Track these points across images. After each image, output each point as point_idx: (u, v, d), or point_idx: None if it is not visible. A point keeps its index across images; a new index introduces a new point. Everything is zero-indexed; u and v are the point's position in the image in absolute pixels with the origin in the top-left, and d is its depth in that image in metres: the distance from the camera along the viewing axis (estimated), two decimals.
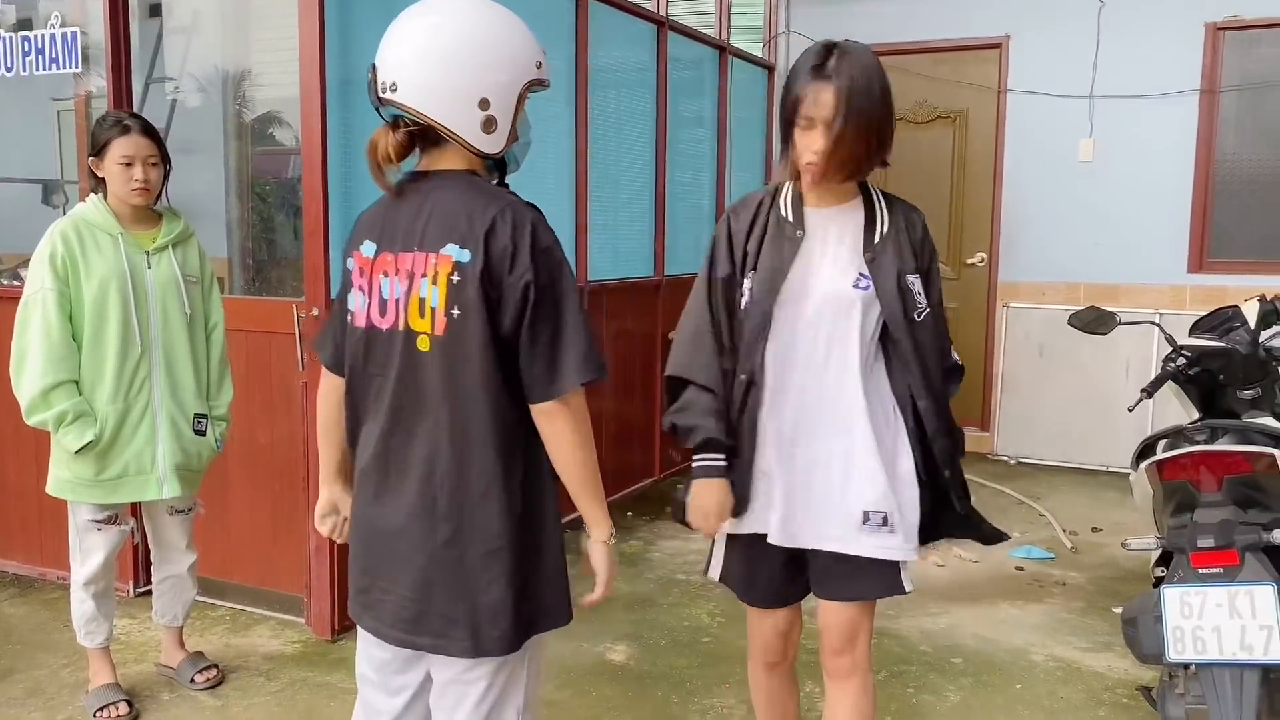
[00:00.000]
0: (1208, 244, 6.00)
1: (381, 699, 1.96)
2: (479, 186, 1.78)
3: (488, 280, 1.70)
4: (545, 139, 4.76)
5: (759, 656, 2.39)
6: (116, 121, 3.02)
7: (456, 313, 1.71)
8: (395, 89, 1.72)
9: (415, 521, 1.78)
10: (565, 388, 1.73)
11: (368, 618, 1.89)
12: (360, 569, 1.89)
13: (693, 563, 4.51)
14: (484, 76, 1.73)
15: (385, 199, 1.86)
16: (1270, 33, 5.77)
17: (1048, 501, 5.48)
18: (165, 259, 3.09)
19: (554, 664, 3.48)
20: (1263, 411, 2.90)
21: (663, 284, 5.71)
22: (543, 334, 1.72)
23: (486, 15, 1.77)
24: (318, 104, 3.42)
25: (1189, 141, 5.93)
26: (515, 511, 1.78)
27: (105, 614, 3.16)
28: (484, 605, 1.77)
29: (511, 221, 1.71)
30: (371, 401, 1.84)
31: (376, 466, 1.83)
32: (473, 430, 1.74)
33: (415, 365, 1.77)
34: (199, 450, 3.18)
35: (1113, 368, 6.00)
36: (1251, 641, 2.33)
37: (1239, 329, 2.96)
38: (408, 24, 1.76)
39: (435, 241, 1.73)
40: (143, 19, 5.20)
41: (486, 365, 1.72)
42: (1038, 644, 3.69)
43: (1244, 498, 2.54)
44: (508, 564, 1.77)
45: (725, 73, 6.32)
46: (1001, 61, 6.35)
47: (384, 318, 1.79)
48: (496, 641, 1.79)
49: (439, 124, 1.73)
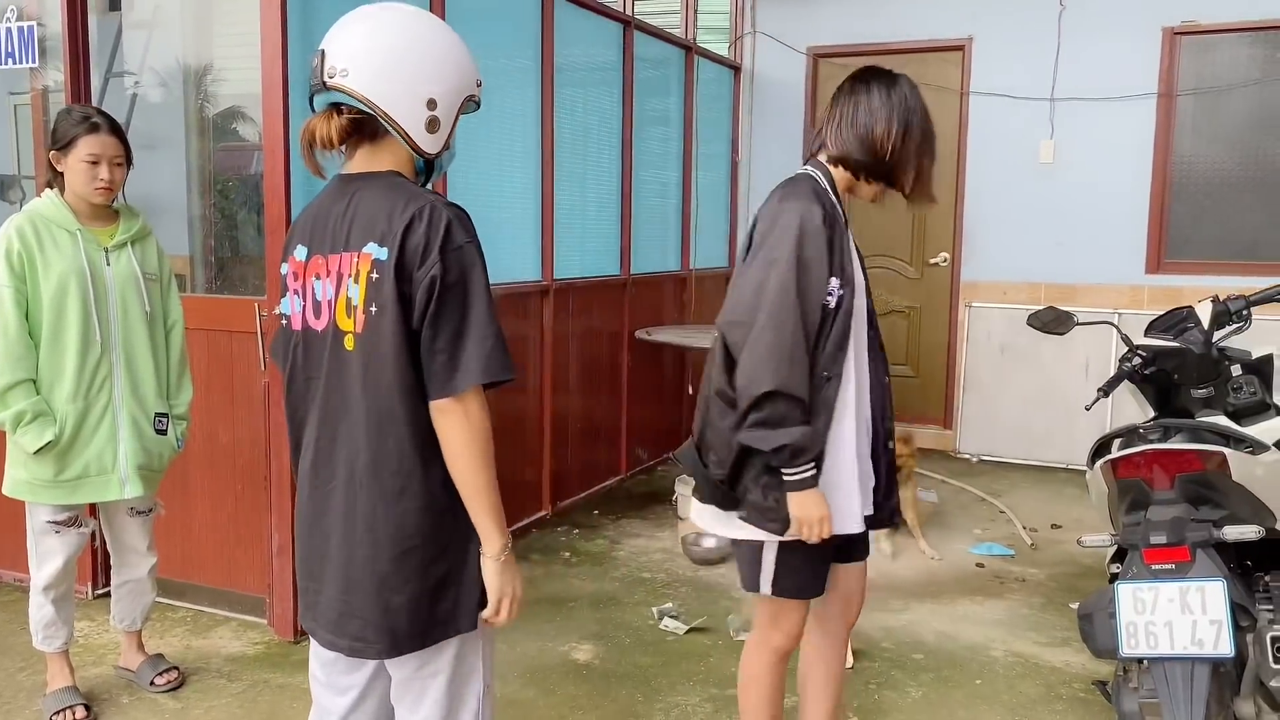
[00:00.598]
0: (1165, 245, 6.10)
1: (329, 698, 1.96)
2: (402, 186, 1.79)
3: (401, 276, 1.70)
4: (511, 137, 4.75)
5: (789, 645, 2.46)
6: (85, 118, 2.95)
7: (374, 310, 1.72)
8: (346, 74, 1.72)
9: (341, 522, 1.79)
10: (462, 385, 1.70)
11: (308, 618, 1.90)
12: (303, 571, 1.90)
13: (658, 561, 4.52)
14: (434, 77, 1.77)
15: (315, 204, 1.88)
16: (1225, 38, 5.88)
17: (1008, 499, 5.55)
18: (124, 256, 3.05)
19: (519, 663, 3.48)
20: (1215, 410, 2.95)
21: (629, 282, 5.72)
22: (445, 330, 1.70)
23: (439, 26, 1.85)
24: (279, 100, 3.39)
25: (1147, 144, 6.03)
26: (434, 510, 1.77)
27: (64, 618, 3.11)
28: (398, 605, 1.77)
29: (428, 219, 1.71)
30: (312, 403, 1.85)
31: (312, 468, 1.84)
32: (389, 428, 1.74)
33: (341, 365, 1.77)
34: (160, 450, 3.14)
35: (1072, 367, 6.09)
36: (1202, 636, 2.38)
37: (1193, 329, 3.01)
38: (364, 17, 1.79)
39: (358, 240, 1.74)
40: (102, 13, 5.12)
41: (401, 362, 1.72)
42: (997, 640, 3.74)
43: (1196, 495, 2.59)
44: (423, 562, 1.77)
45: (691, 72, 6.34)
46: (964, 63, 6.42)
47: (318, 319, 1.81)
48: (411, 640, 1.79)
49: (386, 114, 1.74)
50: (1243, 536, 2.50)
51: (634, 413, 5.82)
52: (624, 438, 5.77)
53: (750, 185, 7.09)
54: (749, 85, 7.02)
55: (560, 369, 5.07)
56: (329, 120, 1.76)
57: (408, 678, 1.87)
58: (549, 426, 5.00)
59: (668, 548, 4.71)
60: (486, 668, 1.93)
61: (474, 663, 1.89)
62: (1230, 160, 5.95)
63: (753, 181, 7.08)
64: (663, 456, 6.27)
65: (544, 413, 4.98)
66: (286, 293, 1.87)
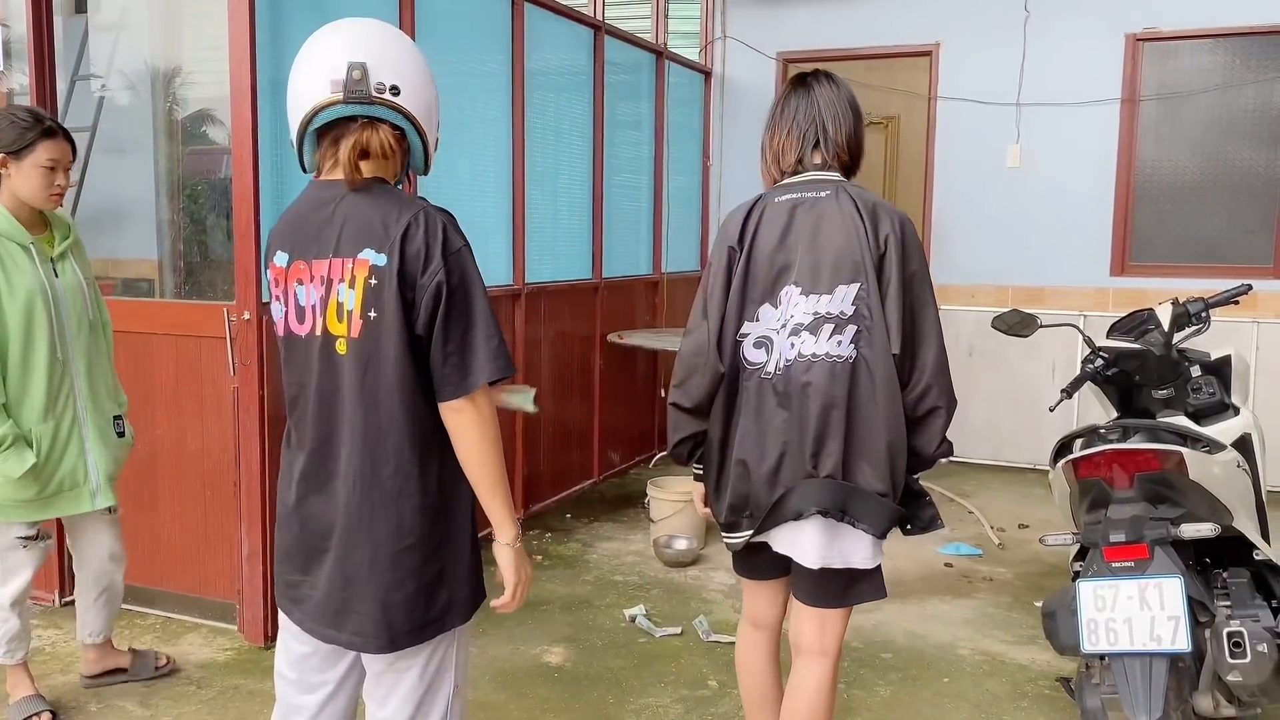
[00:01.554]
0: (1129, 248, 6.20)
1: (298, 696, 1.98)
2: (391, 193, 1.84)
3: (403, 282, 1.75)
4: (483, 143, 4.76)
5: None
6: (37, 120, 2.88)
7: (373, 315, 1.76)
8: (398, 93, 1.78)
9: (339, 521, 1.83)
10: (475, 384, 1.77)
11: (296, 611, 1.93)
12: (293, 565, 1.92)
13: (630, 564, 4.54)
14: (437, 101, 1.90)
15: (293, 210, 1.91)
16: (1186, 44, 5.98)
17: (977, 499, 5.62)
18: (69, 265, 3.01)
19: (491, 666, 3.48)
20: (1176, 410, 3.01)
21: (601, 286, 5.73)
22: (454, 333, 1.77)
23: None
24: (248, 104, 3.38)
25: (1111, 149, 6.12)
26: (429, 508, 1.83)
27: (26, 630, 3.09)
28: (396, 601, 1.82)
29: (424, 225, 1.77)
30: (296, 405, 1.89)
31: (309, 468, 1.87)
32: (388, 429, 1.79)
33: (333, 369, 1.81)
34: (122, 454, 3.13)
35: (1039, 368, 6.17)
36: (1160, 632, 2.43)
37: (1153, 331, 3.07)
38: (388, 34, 1.85)
39: (352, 247, 1.78)
40: (68, 15, 5.09)
41: (402, 365, 1.77)
42: (965, 638, 3.79)
43: (1154, 494, 2.64)
44: (420, 560, 1.83)
45: (662, 77, 6.37)
46: (932, 69, 6.49)
47: (301, 324, 1.85)
48: (408, 636, 1.85)
49: (426, 132, 1.84)
50: (1199, 534, 2.55)
51: (606, 416, 5.84)
52: (596, 441, 5.78)
53: (721, 189, 7.13)
54: (720, 90, 7.06)
55: (532, 373, 5.08)
56: (377, 131, 1.80)
57: (381, 672, 1.91)
58: (521, 430, 5.00)
59: (640, 550, 4.73)
60: (459, 670, 1.96)
61: (447, 662, 1.93)
62: (1192, 164, 6.06)
63: (723, 185, 7.12)
64: (635, 460, 6.29)
65: (516, 416, 4.99)
66: (273, 299, 1.92)
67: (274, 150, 3.52)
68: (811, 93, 2.34)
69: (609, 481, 5.92)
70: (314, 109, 1.80)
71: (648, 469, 6.22)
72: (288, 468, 1.92)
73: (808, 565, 2.27)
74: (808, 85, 2.36)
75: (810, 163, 2.33)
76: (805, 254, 2.24)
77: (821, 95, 2.34)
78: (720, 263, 2.32)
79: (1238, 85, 5.91)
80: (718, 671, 3.48)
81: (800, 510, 2.23)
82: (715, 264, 2.34)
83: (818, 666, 2.39)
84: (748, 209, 2.34)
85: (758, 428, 2.27)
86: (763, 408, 2.27)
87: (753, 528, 2.33)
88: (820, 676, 2.38)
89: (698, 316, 2.35)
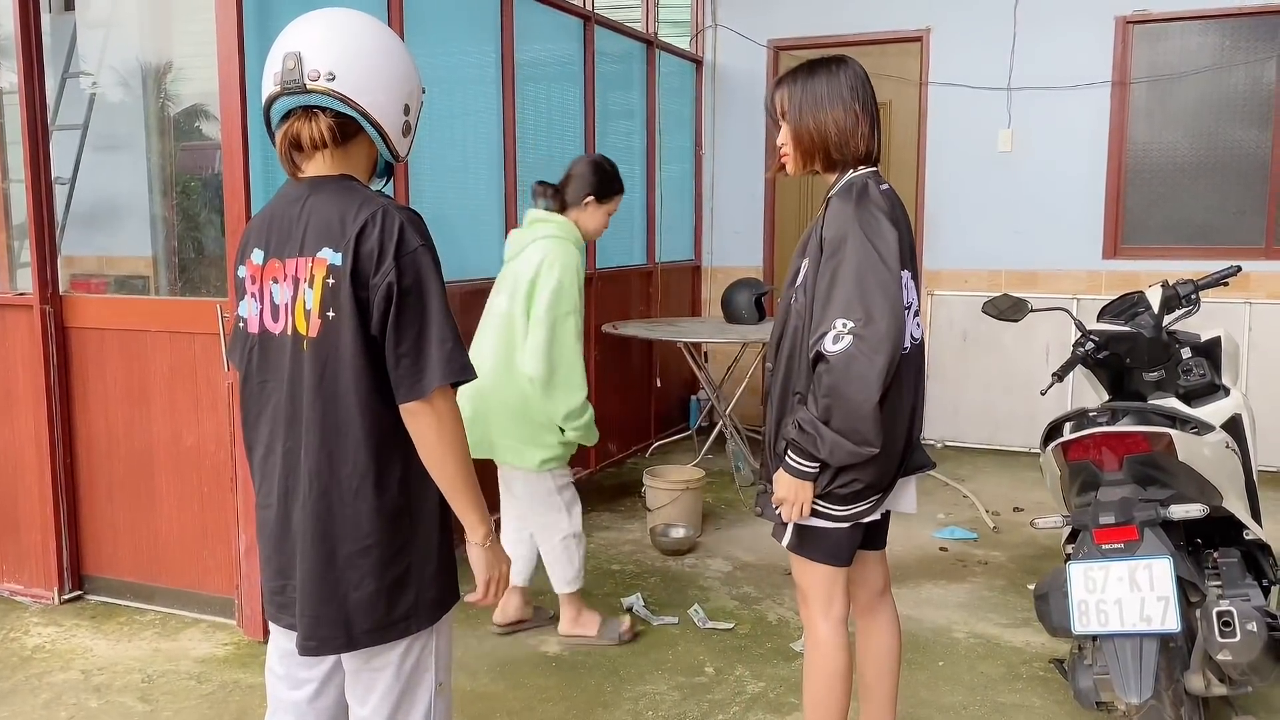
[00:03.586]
0: (1121, 231, 6.21)
1: (285, 690, 1.99)
2: (354, 190, 1.81)
3: (356, 281, 1.73)
4: (473, 134, 4.76)
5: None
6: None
7: (331, 315, 1.74)
8: (333, 79, 1.74)
9: (304, 521, 1.82)
10: (429, 387, 1.74)
11: (285, 617, 1.92)
12: (275, 570, 1.92)
13: (627, 553, 4.56)
14: (407, 82, 1.84)
15: (270, 207, 1.89)
16: (1176, 25, 5.98)
17: (971, 483, 5.64)
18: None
19: (489, 656, 3.51)
20: (1167, 392, 3.02)
21: (595, 277, 5.73)
22: (407, 335, 1.73)
23: (394, 34, 1.89)
24: (237, 99, 3.38)
25: (1102, 132, 6.13)
26: (388, 510, 1.81)
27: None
28: (354, 602, 1.81)
29: (380, 224, 1.73)
30: (265, 405, 1.87)
31: (279, 470, 1.85)
32: (345, 430, 1.77)
33: (299, 368, 1.80)
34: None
35: (1033, 352, 6.19)
36: (1150, 613, 2.45)
37: (1143, 314, 3.08)
38: (335, 22, 1.80)
39: (312, 246, 1.77)
40: (56, 12, 5.08)
41: (358, 366, 1.75)
42: (960, 622, 3.81)
43: (1143, 476, 2.66)
44: (379, 561, 1.81)
45: (653, 66, 6.37)
46: (923, 54, 6.49)
47: (276, 323, 1.83)
48: (368, 635, 1.83)
49: (375, 119, 1.78)
50: (1188, 515, 2.57)
51: (602, 406, 5.81)
52: None
53: (714, 178, 7.13)
54: (711, 78, 7.06)
55: None
56: (311, 121, 1.77)
57: (356, 670, 1.91)
58: None
59: (637, 539, 4.75)
60: (440, 665, 1.95)
61: (425, 659, 1.92)
62: (1183, 146, 6.07)
63: (716, 174, 7.12)
64: (631, 449, 6.31)
65: None
66: (244, 295, 1.89)
67: (264, 146, 3.51)
68: (867, 81, 2.37)
69: (605, 471, 5.93)
70: (265, 106, 1.81)
71: (644, 458, 6.24)
72: (261, 470, 1.89)
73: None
74: (862, 72, 2.38)
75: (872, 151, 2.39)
76: (906, 240, 2.32)
77: (861, 76, 2.37)
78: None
79: (1228, 66, 5.92)
80: (714, 658, 3.51)
81: (922, 464, 2.46)
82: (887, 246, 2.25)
83: (891, 598, 2.66)
84: (886, 192, 2.32)
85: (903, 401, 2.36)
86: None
87: (883, 495, 2.39)
88: (894, 606, 2.67)
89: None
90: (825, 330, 2.16)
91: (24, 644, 3.61)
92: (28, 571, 4.00)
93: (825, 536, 2.37)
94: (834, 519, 2.34)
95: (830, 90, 2.34)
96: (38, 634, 3.68)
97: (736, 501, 5.35)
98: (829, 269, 2.22)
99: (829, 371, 2.15)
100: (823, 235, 2.27)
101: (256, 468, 1.92)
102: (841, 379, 2.13)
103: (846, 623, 2.48)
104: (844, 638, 2.47)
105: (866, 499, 2.33)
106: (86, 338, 3.86)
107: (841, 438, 2.18)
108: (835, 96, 2.34)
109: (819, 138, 2.34)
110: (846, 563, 2.43)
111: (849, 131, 2.33)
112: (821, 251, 2.26)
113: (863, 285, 2.16)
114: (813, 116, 2.34)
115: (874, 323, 2.13)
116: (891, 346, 2.13)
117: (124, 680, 3.34)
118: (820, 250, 2.26)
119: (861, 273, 2.17)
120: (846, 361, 2.12)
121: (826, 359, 2.15)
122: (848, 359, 2.12)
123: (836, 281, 2.19)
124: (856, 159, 2.35)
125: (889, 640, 2.62)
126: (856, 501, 2.32)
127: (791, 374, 2.35)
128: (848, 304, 2.15)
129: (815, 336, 2.19)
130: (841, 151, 2.34)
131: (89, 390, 3.87)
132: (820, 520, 2.34)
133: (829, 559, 2.40)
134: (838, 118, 2.33)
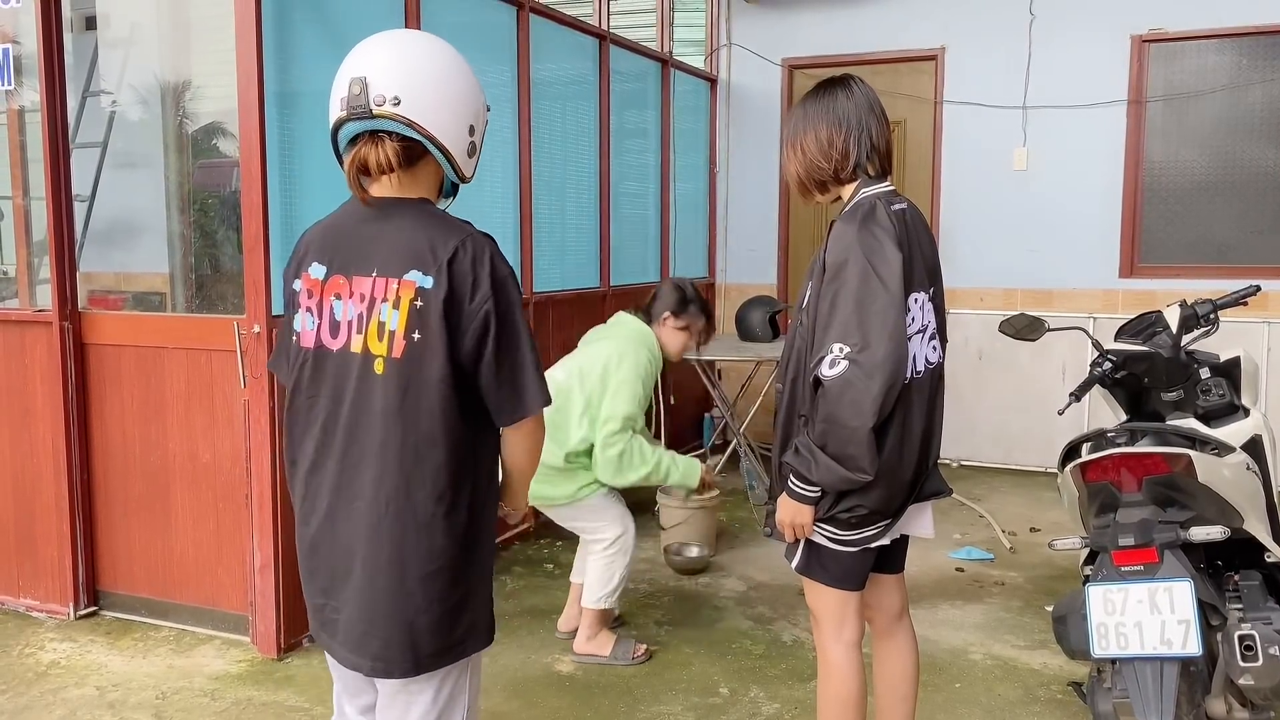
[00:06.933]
0: (1138, 249, 6.18)
1: (351, 710, 2.02)
2: (438, 215, 1.84)
3: (449, 306, 1.74)
4: (489, 152, 4.75)
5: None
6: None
7: (417, 336, 1.75)
8: (399, 103, 1.75)
9: (365, 543, 1.81)
10: (529, 413, 1.84)
11: (324, 635, 1.92)
12: (318, 588, 1.91)
13: (640, 572, 4.54)
14: (472, 103, 1.85)
15: (327, 221, 1.89)
16: (1191, 44, 5.97)
17: (988, 503, 5.60)
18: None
19: (503, 675, 3.49)
20: (1186, 413, 3.00)
21: (608, 294, 5.74)
22: (505, 363, 1.78)
23: (458, 54, 1.88)
24: (256, 118, 3.41)
25: (1118, 150, 6.11)
26: (459, 534, 1.82)
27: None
28: (421, 625, 1.81)
29: (472, 251, 1.76)
30: (314, 421, 1.86)
31: (327, 486, 1.84)
32: (426, 452, 1.77)
33: (369, 387, 1.79)
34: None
35: (1049, 371, 6.16)
36: (1171, 636, 2.42)
37: (1161, 333, 3.06)
38: (399, 44, 1.82)
39: (397, 267, 1.77)
40: (78, 31, 5.14)
41: (444, 388, 1.76)
42: (977, 643, 3.78)
43: (1163, 497, 2.63)
44: (448, 583, 1.82)
45: (668, 85, 6.39)
46: (937, 73, 6.50)
47: (335, 339, 1.82)
48: (433, 659, 1.84)
49: (441, 142, 1.79)
50: (1209, 537, 2.54)
51: None
52: None
53: (728, 195, 7.14)
54: (725, 97, 7.08)
55: None
56: (378, 146, 1.78)
57: (393, 694, 1.89)
58: None
59: (650, 558, 4.73)
60: (473, 693, 1.95)
61: (460, 687, 1.92)
62: (1200, 165, 6.04)
63: (730, 192, 7.13)
64: None
65: None
66: (298, 309, 1.87)
67: (282, 163, 3.55)
68: (854, 95, 2.35)
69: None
70: (331, 130, 1.82)
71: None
72: (306, 485, 1.89)
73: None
74: (849, 86, 2.36)
75: (874, 169, 2.35)
76: (919, 261, 2.30)
77: (866, 96, 2.36)
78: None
79: (1245, 85, 5.90)
80: (729, 679, 3.48)
81: (938, 490, 2.43)
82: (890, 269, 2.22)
83: (909, 621, 2.62)
84: (898, 213, 2.30)
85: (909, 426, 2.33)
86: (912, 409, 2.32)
87: (892, 520, 2.36)
88: (913, 629, 2.63)
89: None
90: (823, 355, 2.17)
91: (39, 659, 3.62)
92: (43, 587, 4.01)
93: (835, 560, 2.35)
94: (840, 544, 2.33)
95: (811, 114, 2.36)
96: (53, 649, 3.69)
97: (750, 521, 5.33)
98: (829, 292, 2.20)
99: (824, 396, 2.15)
100: (825, 259, 2.27)
101: (300, 482, 1.90)
102: (835, 404, 2.13)
103: (860, 646, 2.46)
104: (857, 662, 2.44)
105: (873, 524, 2.32)
106: (104, 354, 3.88)
107: (835, 463, 2.17)
108: (818, 118, 2.34)
109: (802, 166, 2.38)
110: (858, 587, 2.41)
111: (822, 153, 2.33)
112: (824, 274, 2.25)
113: (861, 310, 2.15)
114: (791, 145, 2.40)
115: (870, 348, 2.12)
116: (889, 372, 2.11)
117: (138, 697, 3.34)
118: (823, 273, 2.26)
119: (861, 297, 2.16)
120: (841, 387, 2.12)
121: (823, 384, 2.15)
122: (843, 384, 2.12)
123: (835, 306, 2.18)
124: (842, 177, 2.34)
125: (906, 665, 2.59)
126: (862, 527, 2.31)
127: (797, 397, 2.34)
128: (845, 329, 2.15)
129: (814, 361, 2.20)
130: (822, 173, 2.35)
131: (106, 406, 3.89)
132: (827, 542, 2.34)
133: (839, 583, 2.39)
134: (815, 139, 2.34)
